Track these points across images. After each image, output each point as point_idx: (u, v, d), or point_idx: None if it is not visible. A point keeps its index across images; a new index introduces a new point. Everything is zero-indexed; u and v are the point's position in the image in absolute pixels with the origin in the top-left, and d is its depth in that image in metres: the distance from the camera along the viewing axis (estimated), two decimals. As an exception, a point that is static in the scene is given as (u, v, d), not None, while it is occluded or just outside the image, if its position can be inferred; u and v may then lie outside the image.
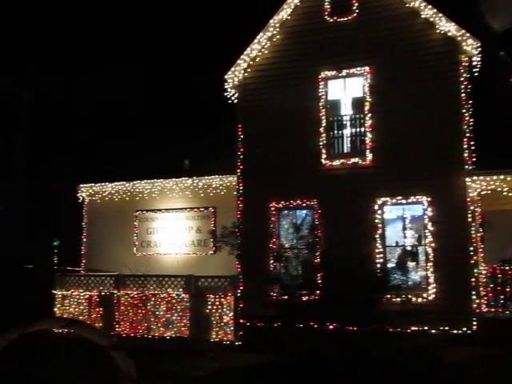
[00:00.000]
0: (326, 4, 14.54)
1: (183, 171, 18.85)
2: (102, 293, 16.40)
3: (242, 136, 15.08)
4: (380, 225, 13.49)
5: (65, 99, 29.02)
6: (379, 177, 13.58)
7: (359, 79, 14.16)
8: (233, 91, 15.47)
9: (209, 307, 15.00)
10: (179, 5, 31.38)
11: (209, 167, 18.22)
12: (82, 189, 19.72)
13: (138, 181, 18.82)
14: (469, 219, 12.88)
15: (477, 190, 13.24)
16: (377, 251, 13.37)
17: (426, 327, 12.63)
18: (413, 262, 13.36)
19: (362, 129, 13.97)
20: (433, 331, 12.62)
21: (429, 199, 13.15)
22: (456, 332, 12.56)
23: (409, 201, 13.39)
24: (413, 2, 13.67)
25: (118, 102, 27.93)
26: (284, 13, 14.81)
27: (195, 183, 18.06)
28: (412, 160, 13.34)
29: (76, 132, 29.06)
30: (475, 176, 13.05)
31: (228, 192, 17.60)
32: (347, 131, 14.23)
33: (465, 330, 12.57)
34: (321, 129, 14.27)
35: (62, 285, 17.05)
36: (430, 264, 13.04)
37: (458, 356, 11.14)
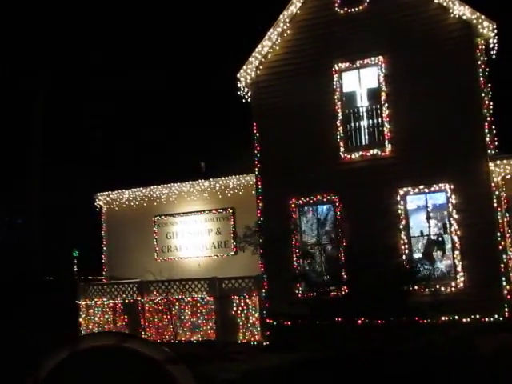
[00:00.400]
0: (336, -5, 14.35)
1: (200, 173, 18.76)
2: (126, 300, 16.34)
3: (258, 134, 14.93)
4: (403, 215, 13.27)
5: (78, 106, 29.09)
6: (400, 167, 13.36)
7: (374, 69, 13.95)
8: (246, 89, 15.33)
9: (234, 309, 14.87)
10: (191, 5, 31.26)
11: (225, 168, 18.09)
12: (100, 197, 19.68)
13: (155, 186, 18.74)
14: (494, 204, 12.62)
15: (501, 175, 12.97)
16: (402, 242, 13.15)
17: (457, 317, 12.39)
18: (439, 252, 13.11)
19: (380, 119, 13.76)
20: (464, 320, 12.38)
21: (452, 187, 12.91)
22: (488, 320, 12.31)
23: (431, 189, 13.16)
24: (424, -12, 13.46)
25: (132, 106, 27.97)
26: (293, 7, 14.65)
27: (212, 185, 17.94)
28: (433, 148, 13.10)
29: (91, 140, 29.14)
30: (498, 160, 12.80)
31: (246, 192, 17.46)
32: (364, 123, 14.02)
33: (497, 318, 12.31)
34: (337, 122, 14.08)
35: (86, 294, 17.01)
36: (457, 252, 12.79)
37: (493, 345, 10.89)
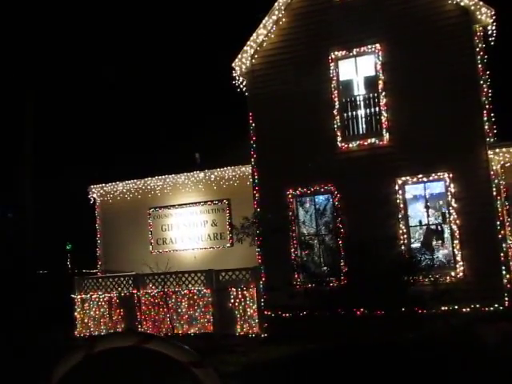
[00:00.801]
0: (331, -18, 14.13)
1: (195, 165, 18.55)
2: (122, 294, 16.16)
3: (254, 124, 14.74)
4: (402, 205, 13.15)
5: (70, 99, 28.78)
6: (398, 156, 13.23)
7: (371, 57, 13.78)
8: (241, 79, 15.12)
9: (231, 301, 14.73)
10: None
11: (220, 159, 17.90)
12: (93, 189, 19.44)
13: (149, 178, 18.52)
14: (494, 193, 12.53)
15: (500, 163, 12.88)
16: (400, 232, 13.04)
17: (457, 306, 12.30)
18: (438, 241, 13.02)
19: (377, 108, 13.60)
20: (464, 310, 12.31)
21: (451, 175, 12.79)
22: (488, 309, 12.25)
23: (430, 178, 13.04)
24: (421, -26, 13.27)
25: (124, 98, 27.69)
26: (288, -6, 14.43)
27: (207, 176, 17.74)
28: (431, 136, 12.96)
29: (83, 133, 28.83)
30: (497, 148, 12.69)
31: (242, 183, 17.28)
32: (362, 112, 13.85)
33: (497, 307, 12.25)
34: (334, 111, 13.91)
35: (81, 288, 16.81)
36: (457, 242, 12.70)
37: (494, 334, 10.84)
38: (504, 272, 12.36)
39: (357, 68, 14.03)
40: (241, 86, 15.34)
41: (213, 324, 14.88)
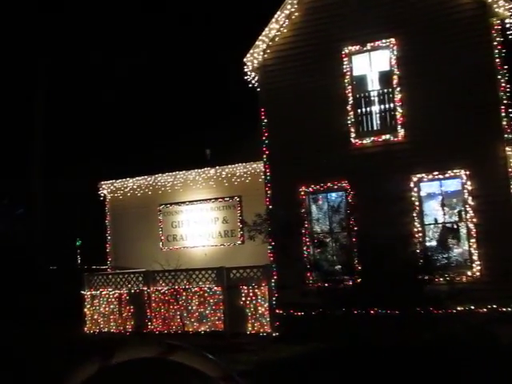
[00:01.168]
0: (345, -24, 13.87)
1: (205, 161, 18.37)
2: (132, 290, 16.03)
3: (266, 120, 14.52)
4: (417, 203, 12.89)
5: (80, 96, 28.68)
6: (413, 152, 12.96)
7: (385, 52, 13.51)
8: (253, 74, 14.91)
9: (243, 299, 14.56)
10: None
11: (232, 155, 17.72)
12: (103, 186, 19.34)
13: (160, 174, 18.39)
14: (511, 190, 12.24)
15: (518, 160, 12.58)
16: (416, 231, 12.78)
17: (473, 306, 12.04)
18: (454, 240, 12.75)
19: (392, 104, 13.33)
20: (480, 310, 12.04)
21: (467, 172, 12.51)
22: (506, 310, 11.97)
23: (446, 176, 12.76)
24: (437, -33, 12.98)
25: (135, 94, 27.52)
26: (301, -12, 14.19)
27: (218, 172, 17.58)
28: (447, 133, 12.69)
29: (93, 129, 28.73)
30: (516, 144, 12.39)
31: (253, 179, 17.11)
32: (376, 107, 13.60)
33: (514, 307, 11.97)
34: (348, 106, 13.66)
35: (91, 285, 16.71)
36: (473, 240, 12.42)
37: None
38: (522, 271, 12.07)
39: (371, 63, 13.77)
40: (252, 82, 15.12)
41: (223, 322, 14.72)
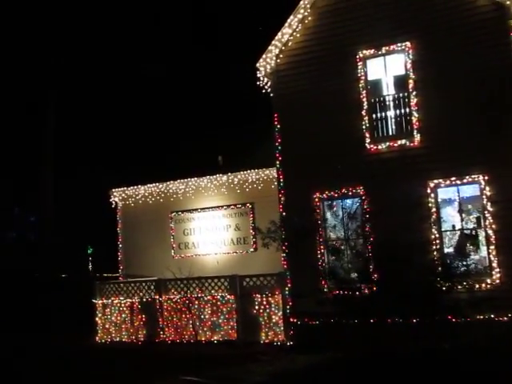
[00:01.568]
0: (359, -21, 13.67)
1: (217, 168, 18.20)
2: (144, 299, 15.86)
3: (279, 126, 14.31)
4: (434, 209, 12.60)
5: (92, 102, 28.63)
6: (430, 158, 12.69)
7: (400, 56, 13.28)
8: (265, 79, 14.73)
9: (256, 307, 14.34)
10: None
11: (244, 162, 17.55)
12: (115, 193, 19.23)
13: (172, 181, 18.26)
14: (532, 196, 11.95)
15: (538, 164, 12.26)
16: (433, 237, 12.49)
17: (493, 315, 11.74)
18: (473, 247, 12.45)
19: (408, 108, 13.07)
20: (501, 319, 11.73)
21: (486, 178, 12.22)
22: (527, 319, 11.65)
23: (464, 181, 12.48)
24: (453, -31, 12.75)
25: (147, 100, 27.42)
26: (314, -8, 14.01)
27: (230, 179, 17.41)
28: (464, 137, 12.43)
29: (105, 136, 28.65)
30: (535, 149, 12.09)
31: (266, 186, 16.92)
32: (391, 112, 13.35)
33: (536, 316, 11.65)
34: (363, 111, 13.43)
35: (102, 293, 16.57)
36: (492, 247, 12.12)
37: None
38: (543, 279, 11.76)
39: (386, 67, 13.54)
40: (265, 87, 14.95)
41: (236, 331, 14.50)
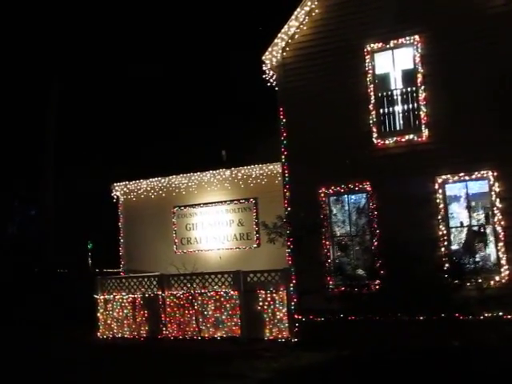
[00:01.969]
0: (367, -29, 13.46)
1: (221, 162, 18.03)
2: (146, 294, 15.68)
3: (285, 120, 14.12)
4: (442, 205, 12.43)
5: (93, 96, 28.37)
6: (438, 153, 12.51)
7: (409, 50, 13.08)
8: (271, 73, 14.55)
9: (260, 304, 14.17)
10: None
11: (247, 156, 17.38)
12: (116, 187, 19.04)
13: (174, 175, 18.07)
14: (542, 192, 11.78)
15: (548, 160, 12.09)
16: (440, 234, 12.33)
17: (502, 313, 11.58)
18: (481, 243, 12.29)
19: (416, 103, 12.89)
20: (510, 316, 11.57)
21: (495, 174, 12.05)
22: (536, 317, 11.49)
23: (472, 177, 12.30)
24: (463, -40, 12.55)
25: (149, 94, 27.16)
26: (322, -15, 13.81)
27: (234, 174, 17.23)
28: (473, 133, 12.23)
29: (106, 130, 28.41)
30: (546, 144, 11.91)
31: (269, 181, 16.75)
32: (399, 107, 13.16)
33: (544, 314, 11.49)
34: (370, 106, 13.24)
35: (104, 288, 16.39)
36: (501, 244, 11.94)
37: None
38: (553, 277, 11.60)
39: (394, 61, 13.35)
40: (271, 81, 14.77)
41: (240, 327, 14.34)
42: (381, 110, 13.24)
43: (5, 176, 28.59)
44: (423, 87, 12.83)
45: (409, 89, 13.08)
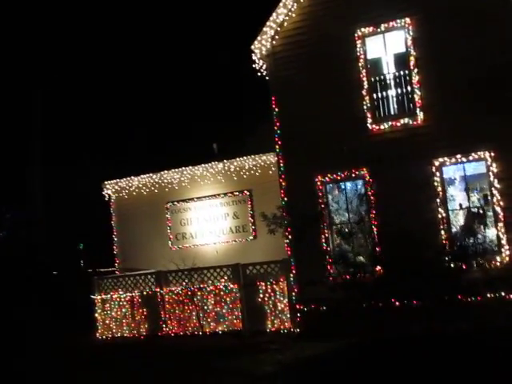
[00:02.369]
0: (354, -46, 13.28)
1: (212, 155, 17.83)
2: (144, 292, 15.49)
3: (277, 109, 13.93)
4: (440, 188, 12.34)
5: (79, 93, 27.95)
6: (434, 136, 12.40)
7: (400, 33, 12.94)
8: (261, 62, 14.33)
9: (260, 296, 14.06)
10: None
11: (240, 148, 17.19)
12: (108, 186, 18.78)
13: (166, 171, 17.84)
14: (540, 170, 11.73)
15: (546, 139, 12.04)
16: (440, 217, 12.25)
17: (504, 293, 11.54)
18: (481, 225, 12.23)
19: (409, 86, 12.76)
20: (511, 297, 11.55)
21: (492, 154, 11.97)
22: (538, 296, 11.47)
23: (470, 158, 12.21)
24: None
25: (137, 88, 26.73)
26: (309, -30, 13.61)
27: (227, 166, 17.04)
28: (469, 114, 12.13)
29: (94, 127, 28.01)
30: (542, 123, 11.85)
31: (263, 172, 16.60)
32: (392, 91, 13.02)
33: (547, 294, 11.47)
34: (363, 91, 13.10)
35: (101, 288, 16.18)
36: (501, 225, 11.88)
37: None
38: (553, 255, 11.58)
39: (385, 45, 13.21)
40: (261, 70, 14.56)
41: (241, 320, 14.23)
42: (374, 95, 13.10)
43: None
44: (416, 70, 12.70)
45: (402, 72, 12.95)
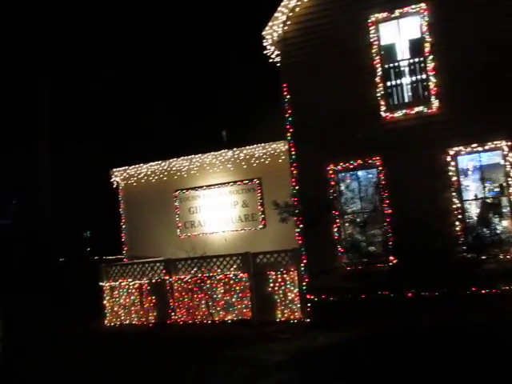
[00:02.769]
0: None
1: (222, 143, 17.64)
2: (153, 280, 15.39)
3: (289, 96, 13.71)
4: (455, 177, 12.13)
5: (88, 80, 27.77)
6: (449, 125, 12.17)
7: (415, 18, 12.68)
8: (272, 48, 14.11)
9: (270, 285, 13.91)
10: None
11: (249, 136, 17.00)
12: (116, 173, 18.66)
13: (175, 158, 17.69)
14: (558, 160, 11.50)
15: None
16: (454, 207, 12.04)
17: (519, 285, 11.35)
18: (497, 215, 12.00)
19: (424, 73, 12.51)
20: (527, 289, 11.35)
21: (509, 143, 11.74)
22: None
23: (486, 148, 11.98)
24: None
25: (147, 75, 26.55)
26: (322, -46, 13.33)
27: (236, 154, 16.86)
28: (485, 102, 11.88)
29: (104, 115, 27.84)
30: (560, 111, 11.60)
31: (273, 160, 16.42)
32: (407, 78, 12.78)
33: None
34: (376, 78, 12.86)
35: (109, 275, 16.09)
36: (517, 215, 11.71)
37: None
38: None
39: (400, 31, 12.95)
40: (272, 56, 14.35)
41: (251, 310, 14.09)
42: (388, 83, 12.86)
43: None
44: (431, 57, 12.45)
45: (416, 59, 12.70)
